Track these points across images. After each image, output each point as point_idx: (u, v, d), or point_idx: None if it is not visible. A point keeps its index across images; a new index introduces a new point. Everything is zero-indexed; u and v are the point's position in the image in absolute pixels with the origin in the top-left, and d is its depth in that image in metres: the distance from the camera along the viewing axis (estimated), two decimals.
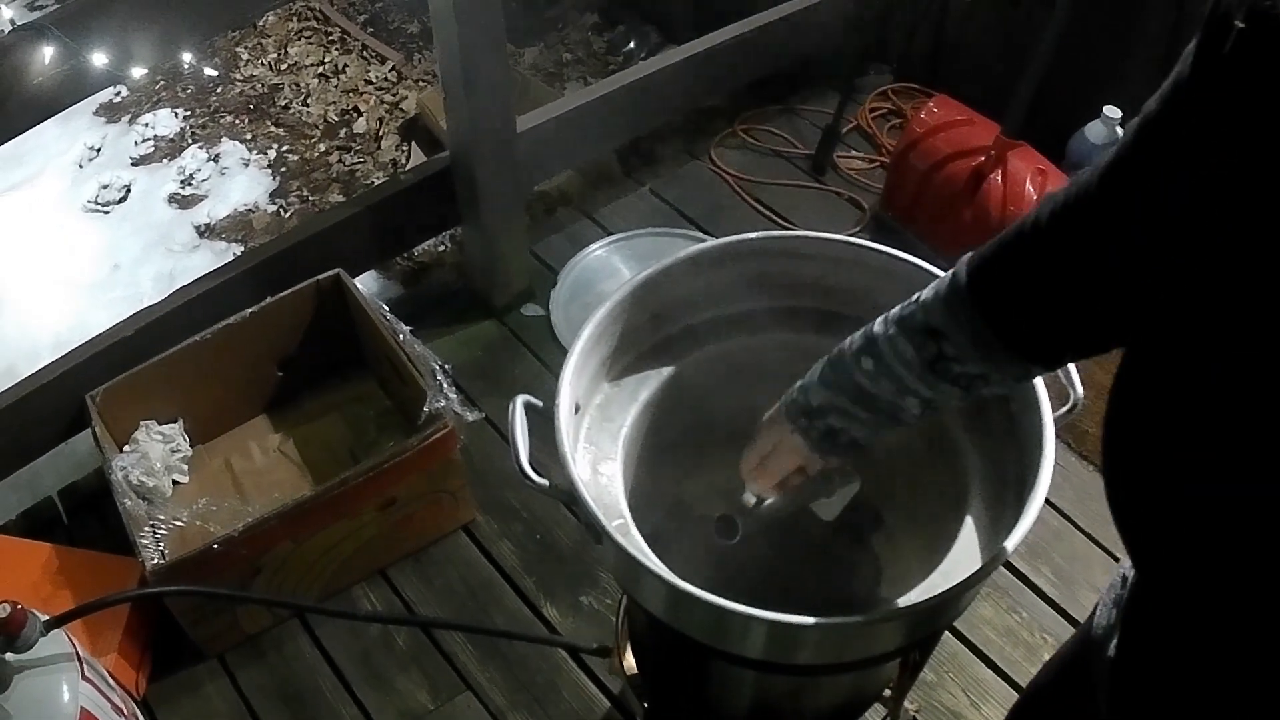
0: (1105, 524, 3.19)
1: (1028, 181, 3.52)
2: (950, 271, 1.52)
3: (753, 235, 2.12)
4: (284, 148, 5.48)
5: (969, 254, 1.50)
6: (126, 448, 3.13)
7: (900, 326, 1.58)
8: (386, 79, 5.83)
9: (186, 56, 4.50)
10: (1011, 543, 1.66)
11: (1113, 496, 1.20)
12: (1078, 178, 1.31)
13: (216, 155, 5.49)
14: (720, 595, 1.65)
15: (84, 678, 2.37)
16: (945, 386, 1.57)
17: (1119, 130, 3.57)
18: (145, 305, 3.27)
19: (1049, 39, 3.28)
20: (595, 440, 2.05)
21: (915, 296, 1.58)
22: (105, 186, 5.38)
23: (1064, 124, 3.74)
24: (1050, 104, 3.53)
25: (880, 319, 1.63)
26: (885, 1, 4.28)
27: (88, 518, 3.35)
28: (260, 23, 6.28)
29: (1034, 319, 1.45)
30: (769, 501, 1.87)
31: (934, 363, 1.55)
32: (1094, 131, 3.65)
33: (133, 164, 5.52)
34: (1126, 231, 1.24)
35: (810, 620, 1.64)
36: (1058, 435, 1.78)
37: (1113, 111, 3.59)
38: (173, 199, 5.29)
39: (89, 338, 3.18)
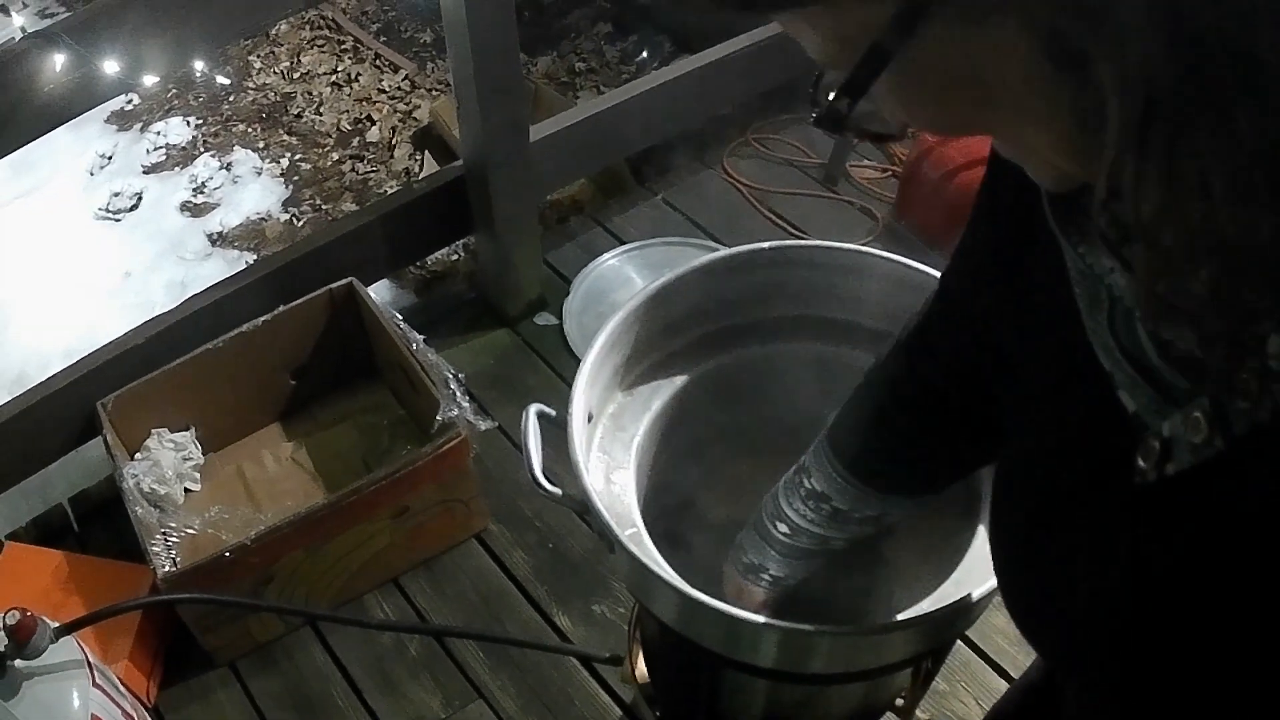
0: None
1: None
2: (821, 433, 1.65)
3: (765, 245, 2.12)
4: (296, 156, 5.49)
5: (833, 416, 1.63)
6: (138, 455, 3.13)
7: (795, 493, 1.72)
8: (399, 88, 5.84)
9: (198, 65, 4.51)
10: None
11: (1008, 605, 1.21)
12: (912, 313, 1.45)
13: (229, 163, 5.50)
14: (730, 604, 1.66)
15: (94, 684, 2.38)
16: (853, 528, 1.69)
17: None
18: (157, 313, 3.27)
19: None
20: (608, 449, 2.05)
21: (801, 460, 1.72)
22: (117, 194, 5.39)
23: None
24: None
25: (782, 482, 1.77)
26: None
27: (98, 525, 3.35)
28: (273, 31, 6.30)
29: (889, 461, 1.57)
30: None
31: (833, 516, 1.67)
32: None
33: (144, 172, 5.54)
34: (945, 367, 1.38)
35: (822, 629, 1.64)
36: None
37: None
38: (184, 207, 5.30)
39: (100, 345, 3.18)
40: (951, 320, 1.36)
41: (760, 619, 1.64)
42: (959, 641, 2.91)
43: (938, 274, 1.99)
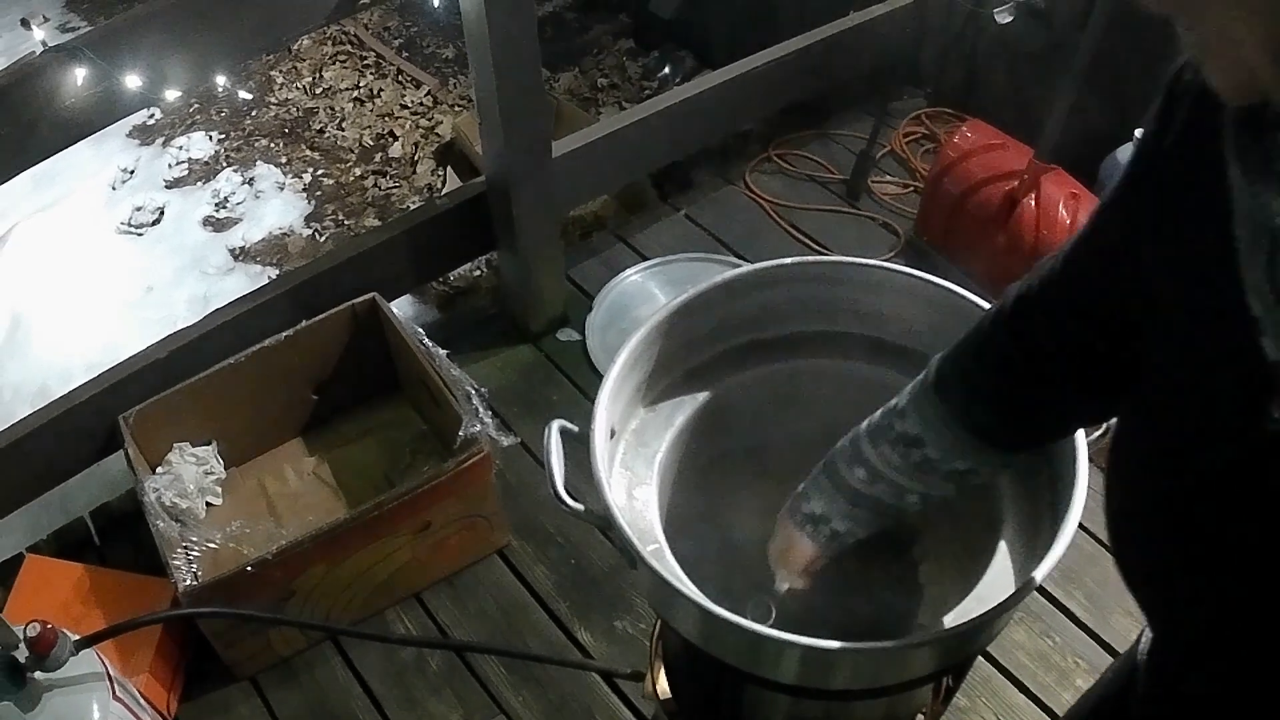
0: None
1: (1061, 205, 3.51)
2: (921, 374, 1.61)
3: (788, 261, 2.12)
4: (319, 171, 5.50)
5: (936, 358, 1.60)
6: (159, 469, 3.13)
7: (883, 435, 1.68)
8: (422, 104, 5.84)
9: (220, 80, 4.50)
10: (1045, 568, 1.65)
11: (1121, 565, 1.20)
12: (1040, 264, 1.40)
13: (251, 178, 5.51)
14: (754, 620, 1.65)
15: (115, 697, 2.38)
16: (938, 483, 1.65)
17: None
18: (179, 328, 3.28)
19: (1080, 63, 3.27)
20: (630, 465, 2.05)
21: (893, 402, 1.68)
22: (139, 208, 5.40)
23: (1097, 148, 3.72)
24: (1083, 128, 3.52)
25: (865, 424, 1.73)
26: (919, 27, 4.29)
27: (119, 538, 3.35)
28: (295, 46, 6.32)
29: (998, 411, 1.53)
30: (799, 586, 1.92)
31: (921, 465, 1.64)
32: (1127, 155, 3.63)
33: (166, 186, 5.55)
34: (1091, 319, 1.30)
35: (844, 645, 1.64)
36: (1091, 459, 1.77)
37: None
38: (207, 222, 5.31)
39: (122, 359, 3.19)
40: (1100, 256, 1.31)
41: (783, 635, 1.63)
42: (979, 657, 2.91)
43: (959, 289, 1.99)
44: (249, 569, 2.70)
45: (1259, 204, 0.90)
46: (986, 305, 1.93)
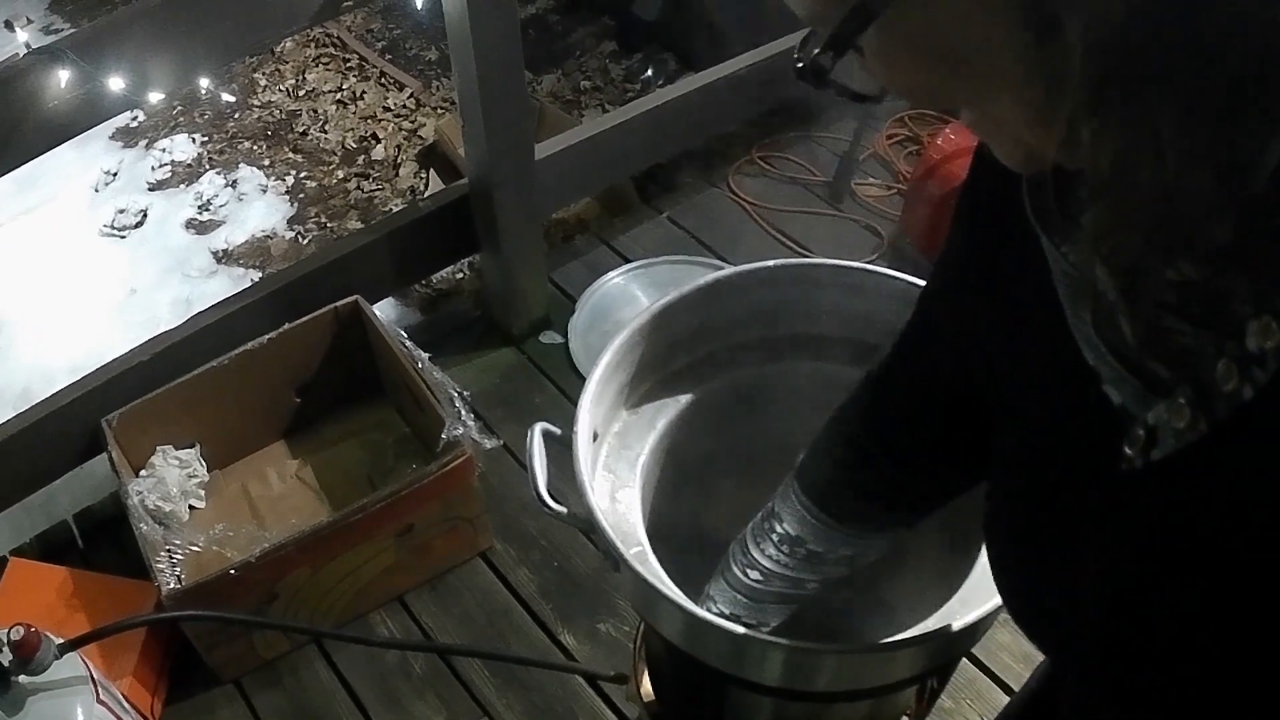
0: None
1: None
2: (789, 475, 1.64)
3: (770, 263, 2.12)
4: (302, 174, 5.50)
5: (799, 459, 1.63)
6: (143, 472, 3.13)
7: (767, 538, 1.70)
8: (405, 106, 5.84)
9: (204, 82, 4.50)
10: None
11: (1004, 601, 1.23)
12: (879, 351, 1.46)
13: (234, 181, 5.50)
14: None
15: (99, 701, 2.38)
16: (830, 569, 1.69)
17: None
18: (162, 330, 3.27)
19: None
20: (613, 468, 2.05)
21: (769, 505, 1.71)
22: (122, 211, 5.39)
23: None
24: None
25: (749, 528, 1.77)
26: None
27: (103, 542, 3.35)
28: (278, 49, 6.31)
29: (866, 500, 1.56)
30: None
31: (809, 559, 1.67)
32: None
33: (150, 189, 5.54)
34: (928, 391, 1.38)
35: (828, 647, 1.64)
36: None
37: None
38: (190, 224, 5.30)
39: (105, 362, 3.18)
40: (933, 336, 1.36)
41: (766, 637, 1.64)
42: (964, 659, 2.91)
43: None
44: (232, 572, 2.70)
45: (1070, 262, 0.93)
46: None
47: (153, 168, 5.67)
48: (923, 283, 2.01)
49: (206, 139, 5.85)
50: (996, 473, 1.20)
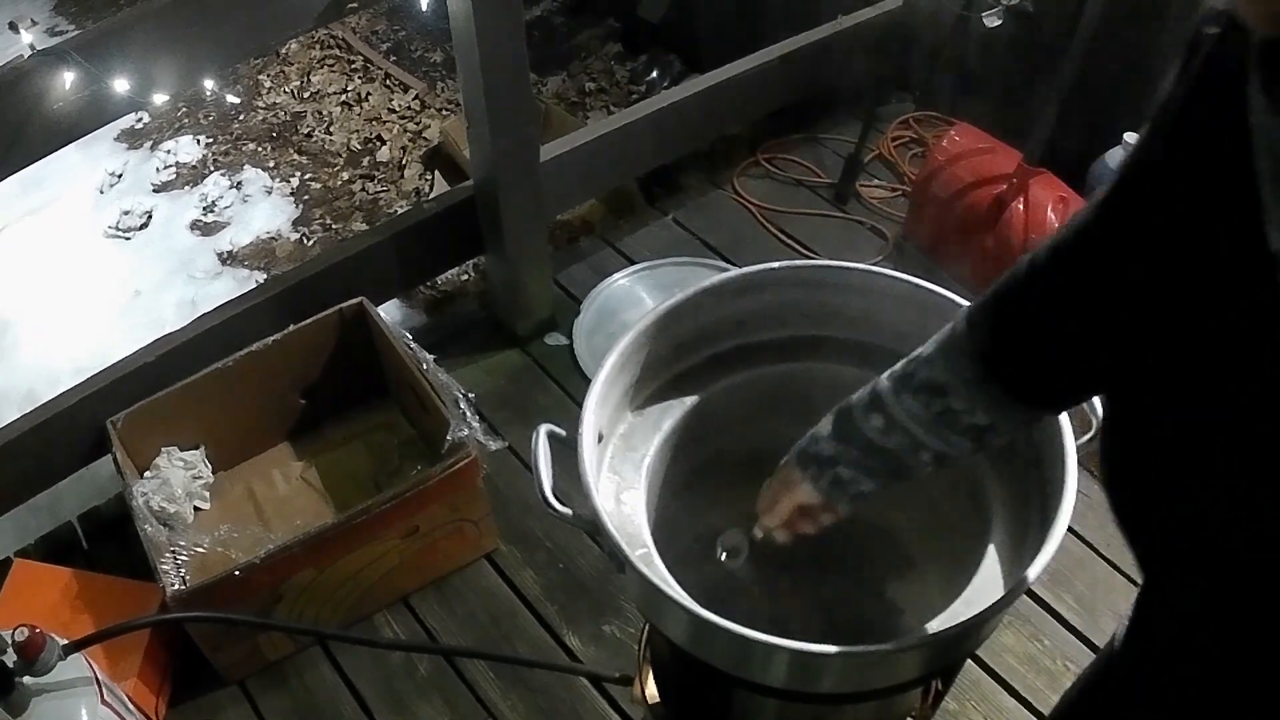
0: (1127, 551, 3.19)
1: (1049, 209, 3.51)
2: (950, 325, 1.55)
3: (775, 265, 2.12)
4: (307, 175, 5.50)
5: (968, 305, 1.54)
6: (148, 473, 3.13)
7: (905, 384, 1.61)
8: (409, 107, 5.84)
9: (208, 84, 4.50)
10: (1034, 571, 1.66)
11: (1112, 498, 1.21)
12: (1073, 218, 1.35)
13: (239, 182, 5.50)
14: (743, 624, 1.65)
15: (103, 702, 2.38)
16: (956, 439, 1.59)
17: None
18: (167, 332, 3.27)
19: (1069, 66, 3.28)
20: (618, 469, 2.05)
21: (918, 352, 1.61)
22: (127, 212, 5.39)
23: (1085, 151, 3.73)
24: (1071, 131, 3.53)
25: (886, 375, 1.65)
26: (907, 31, 4.29)
27: (108, 543, 3.35)
28: (283, 50, 6.31)
29: (1032, 363, 1.48)
30: (776, 539, 1.88)
31: (942, 416, 1.57)
32: (1115, 158, 3.63)
33: (154, 190, 5.55)
34: (1123, 268, 1.26)
35: (833, 649, 1.64)
36: (1080, 462, 1.78)
37: (1134, 138, 3.57)
38: (195, 226, 5.30)
39: (110, 363, 3.18)
40: (1123, 215, 1.32)
41: (771, 639, 1.64)
42: (969, 660, 2.91)
43: (948, 293, 2.00)
44: (237, 573, 2.70)
45: None
46: None
47: (157, 169, 5.67)
48: (927, 284, 2.02)
49: (211, 140, 5.85)
50: (1145, 375, 1.20)
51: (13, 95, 2.60)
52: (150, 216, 5.39)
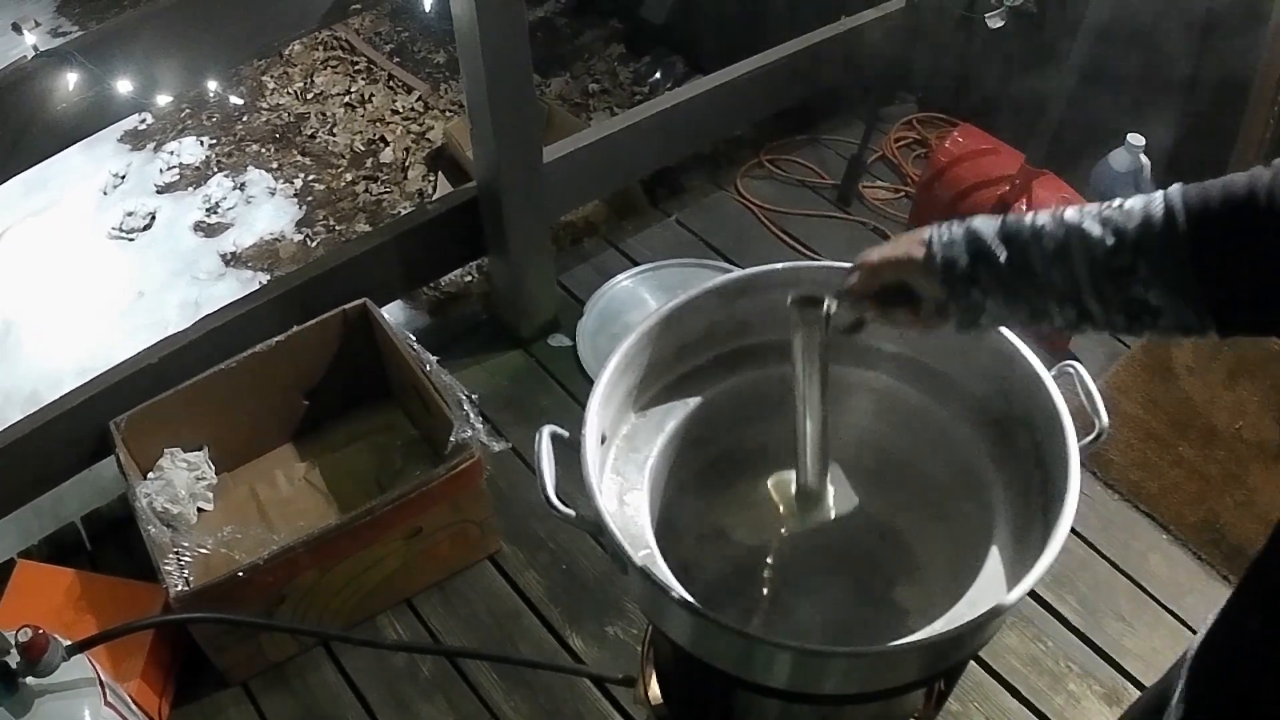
0: (1130, 553, 3.20)
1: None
2: (1164, 197, 1.40)
3: (779, 266, 2.12)
4: (310, 177, 5.50)
5: (1186, 188, 1.39)
6: (151, 475, 3.13)
7: (1104, 225, 1.44)
8: (413, 109, 5.85)
9: (212, 85, 4.51)
10: (1036, 573, 1.66)
11: None
12: None
13: (242, 184, 5.51)
14: (745, 624, 1.65)
15: (106, 703, 2.38)
16: (1114, 301, 1.45)
17: (1143, 158, 3.57)
18: (170, 333, 3.27)
19: (1072, 68, 3.28)
20: (622, 471, 2.05)
21: (1119, 203, 1.45)
22: (130, 214, 5.40)
23: (1088, 152, 3.73)
24: (1074, 132, 3.52)
25: (1074, 209, 1.49)
26: (910, 32, 4.29)
27: (111, 544, 3.34)
28: (286, 52, 6.32)
29: (1252, 289, 1.35)
30: (846, 311, 1.77)
31: (1119, 275, 1.43)
32: (1118, 159, 3.63)
33: (158, 191, 5.55)
34: None
35: (836, 650, 1.64)
36: (1083, 464, 1.78)
37: (1136, 139, 3.58)
38: (198, 227, 5.31)
39: (113, 364, 3.18)
40: None
41: (775, 640, 1.64)
42: (971, 662, 2.91)
43: None
44: (240, 574, 2.70)
45: None
46: None
47: (161, 170, 5.68)
48: None
49: (215, 142, 5.85)
50: None
51: (16, 96, 2.60)
52: (153, 218, 5.40)
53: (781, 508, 2.01)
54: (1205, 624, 1.42)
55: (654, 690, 2.50)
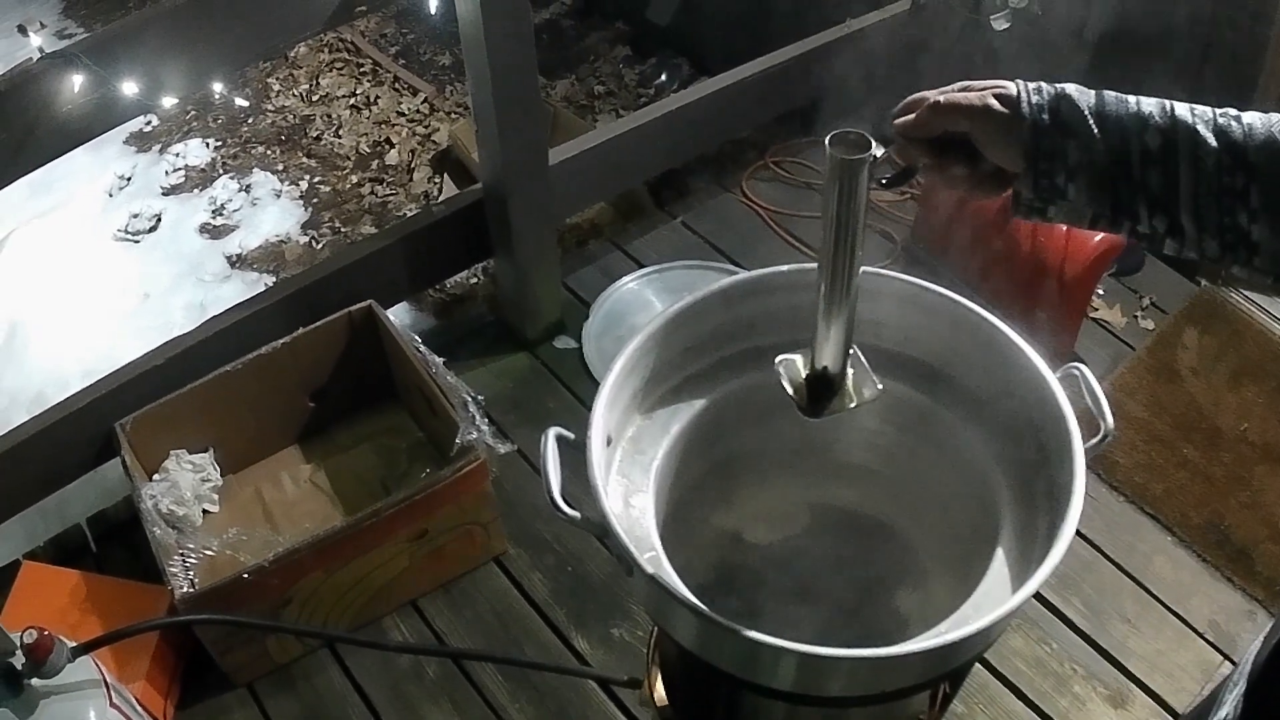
0: (1135, 555, 3.20)
1: None
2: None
3: (784, 268, 2.12)
4: (316, 179, 5.51)
5: None
6: (156, 476, 3.13)
7: (1217, 135, 1.35)
8: (418, 111, 5.85)
9: (217, 87, 4.52)
10: (1042, 575, 1.66)
11: None
12: None
13: (248, 185, 5.51)
14: (750, 627, 1.65)
15: (111, 704, 2.38)
16: (1211, 225, 1.35)
17: None
18: (176, 334, 3.27)
19: (1076, 69, 3.28)
20: (627, 473, 2.05)
21: (1234, 112, 1.37)
22: (136, 215, 5.40)
23: None
24: None
25: (1187, 108, 1.39)
26: (915, 34, 4.29)
27: (116, 546, 3.34)
28: (292, 54, 6.32)
29: None
30: (900, 151, 1.70)
31: (1225, 195, 1.33)
32: None
33: (163, 193, 5.56)
34: None
35: (841, 652, 1.64)
36: (1088, 466, 1.78)
37: None
38: (204, 229, 5.31)
39: (119, 366, 3.18)
40: None
41: (780, 642, 1.63)
42: (977, 664, 2.91)
43: (957, 297, 1.99)
44: (245, 576, 2.70)
45: None
46: (983, 312, 1.94)
47: (166, 172, 5.68)
48: (934, 287, 2.02)
49: (220, 144, 5.86)
50: None
51: (22, 98, 2.60)
52: (159, 219, 5.41)
53: (791, 392, 1.93)
54: (1263, 633, 1.38)
55: (659, 692, 2.50)
